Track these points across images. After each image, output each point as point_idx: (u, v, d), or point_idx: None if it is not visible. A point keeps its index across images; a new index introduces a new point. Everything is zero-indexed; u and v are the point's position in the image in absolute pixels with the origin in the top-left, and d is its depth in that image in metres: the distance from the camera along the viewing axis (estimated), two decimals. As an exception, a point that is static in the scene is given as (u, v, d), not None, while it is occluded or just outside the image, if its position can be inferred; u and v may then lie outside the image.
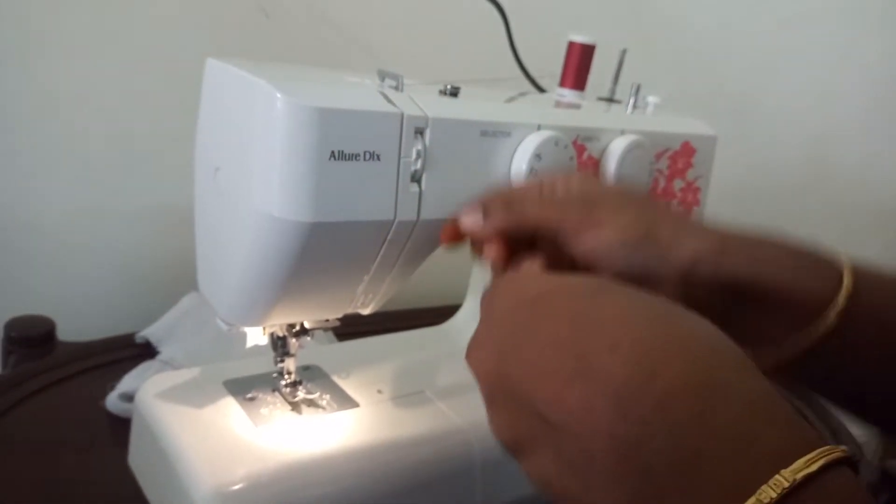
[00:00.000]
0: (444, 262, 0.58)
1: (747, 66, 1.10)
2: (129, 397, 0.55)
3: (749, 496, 0.21)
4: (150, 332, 0.68)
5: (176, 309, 0.70)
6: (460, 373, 0.56)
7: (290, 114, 0.34)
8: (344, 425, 0.47)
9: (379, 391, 0.51)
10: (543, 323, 0.28)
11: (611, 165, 0.47)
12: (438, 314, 0.66)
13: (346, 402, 0.49)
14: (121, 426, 0.52)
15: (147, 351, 0.66)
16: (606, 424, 0.24)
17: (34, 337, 0.65)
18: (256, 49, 0.76)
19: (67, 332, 0.67)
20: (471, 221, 0.37)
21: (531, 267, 0.34)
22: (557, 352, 0.26)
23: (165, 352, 0.65)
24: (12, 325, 0.65)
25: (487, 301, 0.32)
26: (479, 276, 0.64)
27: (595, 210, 0.35)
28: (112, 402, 0.57)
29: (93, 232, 0.76)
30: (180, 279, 0.65)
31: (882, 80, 1.19)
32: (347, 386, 0.51)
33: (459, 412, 0.50)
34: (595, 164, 0.47)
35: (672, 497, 0.23)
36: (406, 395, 0.51)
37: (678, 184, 0.53)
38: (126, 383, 0.59)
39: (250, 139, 0.36)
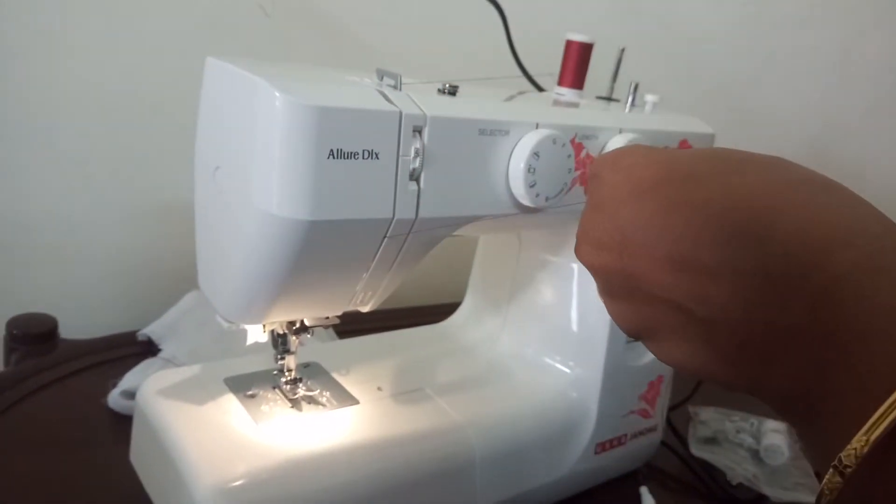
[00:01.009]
0: (443, 261, 0.58)
1: (745, 65, 1.10)
2: (130, 394, 0.56)
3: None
4: (151, 330, 0.68)
5: (177, 307, 0.70)
6: (460, 370, 0.57)
7: (288, 112, 0.34)
8: (344, 422, 0.47)
9: (379, 388, 0.52)
10: (672, 216, 0.24)
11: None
12: (438, 312, 0.67)
13: (346, 399, 0.50)
14: (122, 423, 0.52)
15: (149, 348, 0.67)
16: (762, 317, 0.23)
17: (36, 334, 0.65)
18: (256, 48, 0.77)
19: (69, 329, 0.68)
20: None
21: (639, 148, 0.29)
22: (696, 247, 0.24)
23: (167, 349, 0.65)
24: (15, 322, 0.65)
25: (597, 186, 0.28)
26: (479, 274, 0.64)
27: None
28: (114, 399, 0.58)
29: (94, 230, 0.76)
30: (181, 277, 0.66)
31: (881, 78, 1.20)
32: (347, 383, 0.51)
33: (459, 409, 0.50)
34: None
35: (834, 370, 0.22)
36: (406, 392, 0.52)
37: (676, 182, 0.53)
38: (128, 380, 0.59)
39: (249, 138, 0.36)
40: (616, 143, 0.47)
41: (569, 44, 0.55)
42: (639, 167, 0.26)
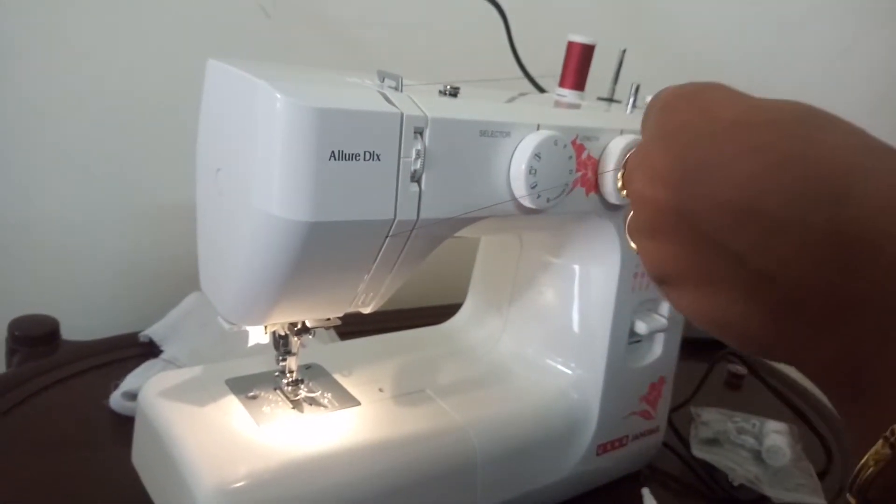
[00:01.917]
0: (444, 262, 0.58)
1: (747, 66, 1.10)
2: (132, 396, 0.56)
3: None
4: (153, 331, 0.68)
5: (179, 308, 0.70)
6: (461, 371, 0.57)
7: (290, 114, 0.34)
8: (345, 423, 0.47)
9: (380, 389, 0.52)
10: (746, 160, 0.23)
11: (610, 165, 0.47)
12: (439, 313, 0.66)
13: (347, 400, 0.50)
14: (124, 424, 0.52)
15: (150, 350, 0.67)
16: (827, 279, 0.22)
17: (38, 336, 0.65)
18: (257, 49, 0.77)
19: (71, 330, 0.68)
20: None
21: (720, 86, 0.27)
22: (767, 194, 0.22)
23: (168, 351, 0.66)
24: (16, 324, 0.65)
25: (666, 117, 0.27)
26: (480, 275, 0.64)
27: None
28: (115, 400, 0.58)
29: (96, 231, 0.76)
30: (183, 278, 0.66)
31: (882, 79, 1.19)
32: (349, 384, 0.51)
33: (460, 410, 0.50)
34: (594, 164, 0.47)
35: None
36: (407, 393, 0.52)
37: (677, 183, 0.53)
38: (129, 382, 0.59)
39: (251, 139, 0.36)
40: (617, 144, 0.47)
41: (570, 45, 0.55)
42: (718, 105, 0.25)
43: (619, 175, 0.29)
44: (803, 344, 0.24)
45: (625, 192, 0.29)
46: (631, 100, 0.55)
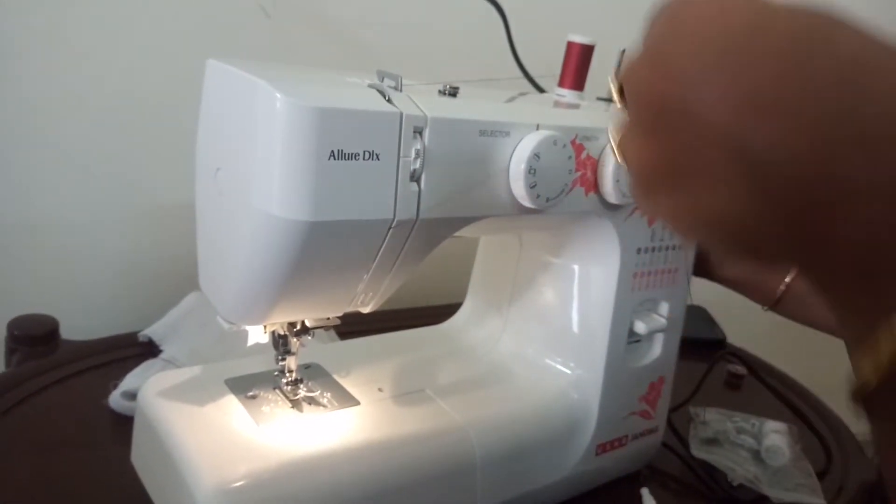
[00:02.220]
0: (444, 261, 0.58)
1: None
2: (131, 395, 0.56)
3: None
4: (152, 331, 0.68)
5: (178, 308, 0.70)
6: (461, 371, 0.57)
7: (290, 114, 0.34)
8: (345, 423, 0.47)
9: (380, 389, 0.52)
10: (764, 61, 0.23)
11: (609, 165, 0.47)
12: (439, 313, 0.67)
13: (346, 400, 0.50)
14: (123, 424, 0.52)
15: (149, 349, 0.67)
16: (844, 170, 0.22)
17: (37, 335, 0.65)
18: (257, 48, 0.77)
19: (70, 330, 0.68)
20: None
21: None
22: (783, 90, 0.22)
23: (168, 350, 0.66)
24: (16, 323, 0.65)
25: (685, 13, 0.26)
26: (479, 275, 0.64)
27: None
28: (115, 400, 0.58)
29: (96, 231, 0.76)
30: (182, 278, 0.66)
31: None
32: (348, 384, 0.52)
33: (460, 410, 0.50)
34: (594, 164, 0.48)
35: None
36: (407, 393, 0.52)
37: (677, 183, 0.53)
38: (128, 382, 0.59)
39: (251, 139, 0.36)
40: (617, 144, 0.47)
41: (570, 45, 0.55)
42: (737, 8, 0.25)
43: (614, 77, 0.29)
44: (813, 240, 0.23)
45: (618, 98, 0.29)
46: (630, 100, 0.55)
